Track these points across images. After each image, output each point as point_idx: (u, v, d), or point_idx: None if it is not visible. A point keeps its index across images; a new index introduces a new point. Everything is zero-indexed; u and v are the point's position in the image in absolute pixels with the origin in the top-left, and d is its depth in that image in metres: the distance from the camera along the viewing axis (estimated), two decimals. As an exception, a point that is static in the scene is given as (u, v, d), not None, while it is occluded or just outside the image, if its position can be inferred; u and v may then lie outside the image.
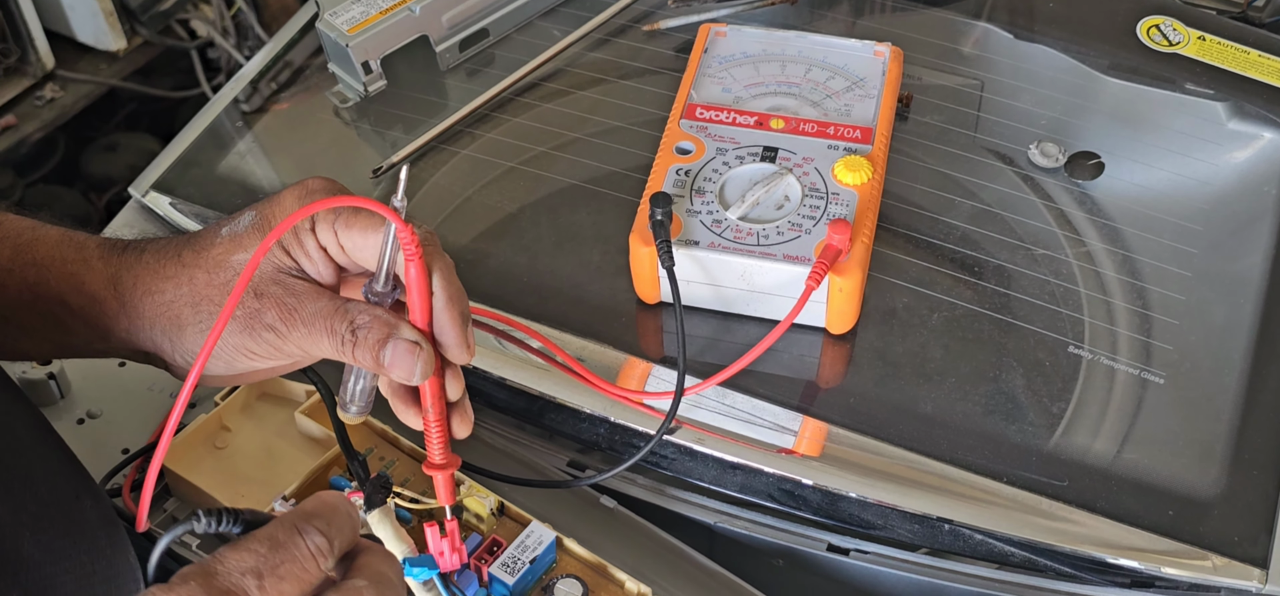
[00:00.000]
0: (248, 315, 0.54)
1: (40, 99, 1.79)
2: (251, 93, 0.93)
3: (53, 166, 1.79)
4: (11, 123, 1.73)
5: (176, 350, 0.57)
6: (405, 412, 0.57)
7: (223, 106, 0.91)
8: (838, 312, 0.68)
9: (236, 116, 0.91)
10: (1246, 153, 0.82)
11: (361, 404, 0.57)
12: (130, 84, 1.85)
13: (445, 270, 0.54)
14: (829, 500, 0.66)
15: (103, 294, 0.58)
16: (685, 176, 0.72)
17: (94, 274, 0.58)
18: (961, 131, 0.83)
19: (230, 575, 0.43)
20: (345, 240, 0.54)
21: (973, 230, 0.76)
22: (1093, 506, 0.63)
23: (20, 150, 1.73)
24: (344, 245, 0.55)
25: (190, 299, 0.56)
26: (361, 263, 0.55)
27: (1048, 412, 0.67)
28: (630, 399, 0.68)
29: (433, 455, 0.56)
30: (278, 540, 0.44)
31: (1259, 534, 0.62)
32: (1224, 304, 0.72)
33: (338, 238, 0.54)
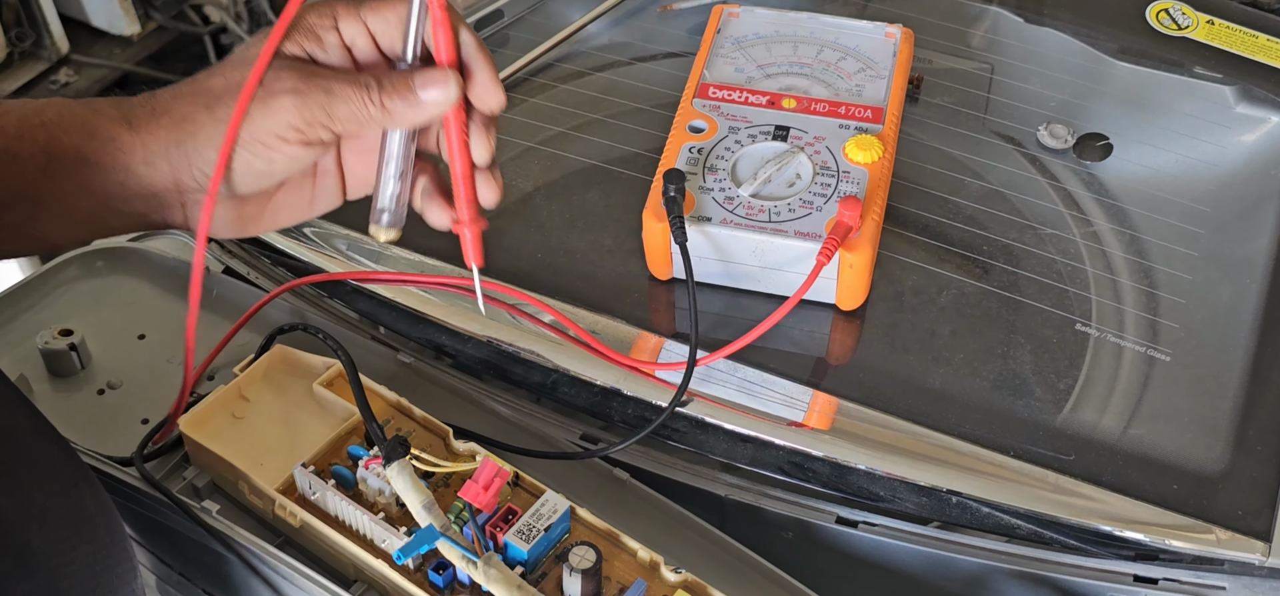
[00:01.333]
0: (265, 92, 0.54)
1: (54, 83, 1.81)
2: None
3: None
4: (26, 106, 1.74)
5: (193, 165, 0.57)
6: (437, 211, 0.59)
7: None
8: (848, 289, 0.69)
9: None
10: (1254, 136, 0.83)
11: (393, 211, 0.57)
12: (144, 69, 1.87)
13: (471, 30, 0.56)
14: (838, 472, 0.67)
15: (115, 132, 0.57)
16: (698, 154, 0.73)
17: (105, 118, 0.57)
18: (971, 113, 0.84)
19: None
20: (374, 25, 0.55)
21: (982, 210, 0.77)
22: (1099, 480, 0.64)
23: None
24: (373, 31, 0.55)
25: (206, 101, 0.56)
26: (391, 47, 0.56)
27: (1055, 389, 0.68)
28: (643, 370, 0.69)
29: (460, 212, 0.58)
30: None
31: (1262, 508, 0.63)
32: (1230, 284, 0.73)
33: (368, 26, 0.55)
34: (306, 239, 0.80)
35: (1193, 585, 0.62)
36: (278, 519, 0.65)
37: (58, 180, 0.57)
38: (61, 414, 0.70)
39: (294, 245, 0.79)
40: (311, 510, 0.64)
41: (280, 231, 0.80)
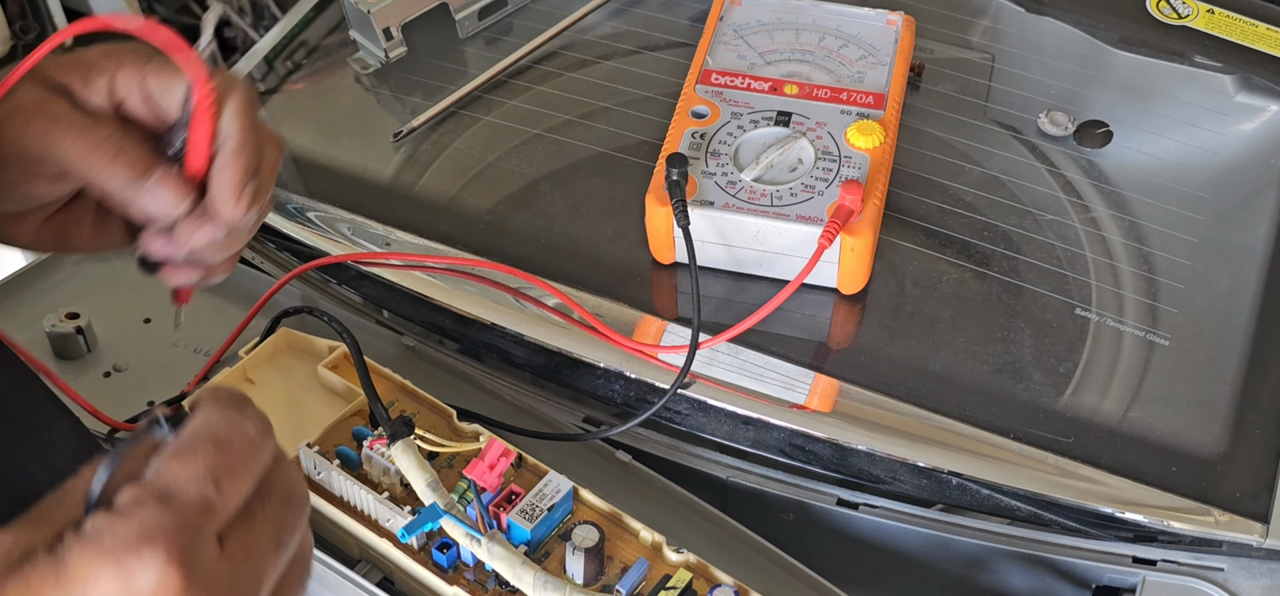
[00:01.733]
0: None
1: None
2: (267, 71, 0.94)
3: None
4: (30, 99, 1.75)
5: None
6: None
7: (252, 67, 0.92)
8: (849, 272, 0.70)
9: (258, 81, 0.93)
10: (1254, 124, 0.84)
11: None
12: (148, 62, 1.88)
13: (241, 110, 0.50)
14: (839, 454, 0.67)
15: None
16: (700, 139, 0.74)
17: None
18: (973, 101, 0.84)
19: (187, 490, 0.37)
20: (154, 85, 0.50)
21: (982, 196, 0.77)
22: (1098, 462, 0.65)
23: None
24: (152, 91, 0.50)
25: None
26: (166, 113, 0.51)
27: (1055, 372, 0.69)
28: (645, 353, 0.69)
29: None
30: (220, 437, 0.39)
31: (1260, 490, 0.64)
32: (1229, 270, 0.74)
33: (145, 84, 0.50)
34: (312, 224, 0.80)
35: (1191, 566, 0.63)
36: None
37: None
38: (68, 397, 0.71)
39: (301, 230, 0.80)
40: (316, 490, 0.64)
41: (285, 216, 0.81)
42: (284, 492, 0.41)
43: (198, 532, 0.37)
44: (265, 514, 0.40)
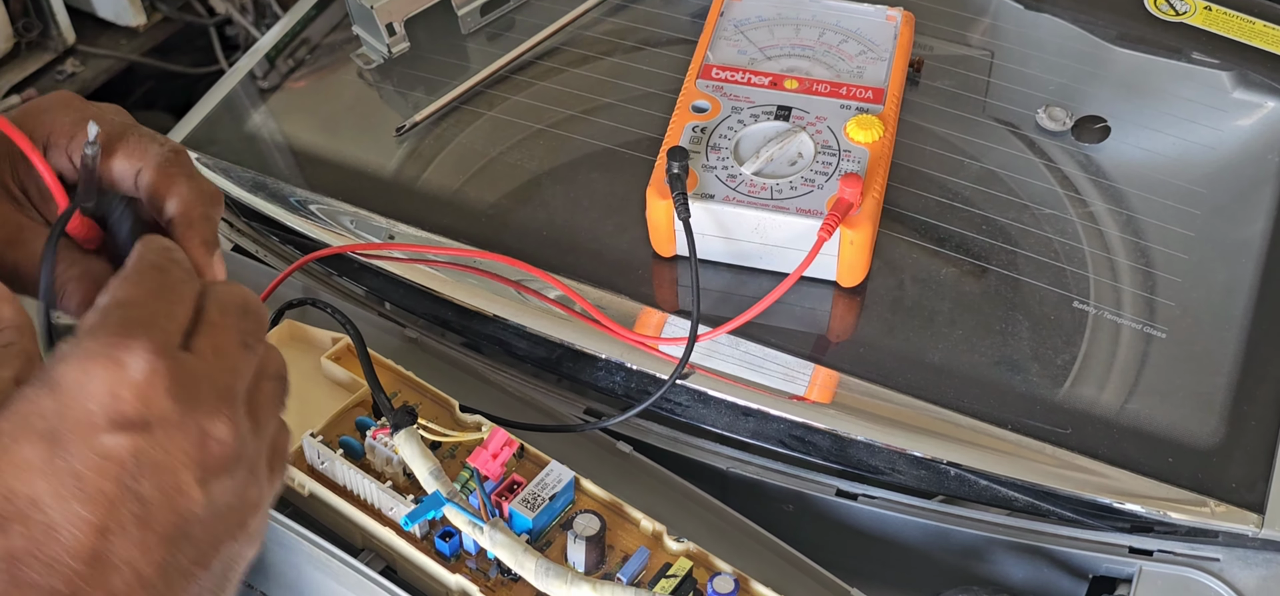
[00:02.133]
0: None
1: (61, 73, 1.82)
2: (268, 68, 0.95)
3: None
4: (32, 96, 1.75)
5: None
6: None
7: (252, 65, 0.93)
8: (848, 265, 0.70)
9: (263, 76, 0.94)
10: (1250, 120, 0.84)
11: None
12: (149, 60, 1.88)
13: (188, 194, 0.49)
14: (839, 445, 0.68)
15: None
16: (701, 133, 0.74)
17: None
18: (971, 96, 0.85)
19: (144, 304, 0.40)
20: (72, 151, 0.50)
21: (981, 190, 0.78)
22: (1095, 453, 0.65)
23: (40, 124, 1.75)
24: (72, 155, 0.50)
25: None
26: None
27: (1052, 364, 0.69)
28: (646, 344, 0.70)
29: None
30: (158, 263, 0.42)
31: (1256, 481, 0.64)
32: (1225, 264, 0.74)
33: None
34: (315, 217, 0.81)
35: (1187, 556, 0.64)
36: (286, 488, 0.66)
37: None
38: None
39: (304, 222, 0.80)
40: (319, 479, 0.65)
41: (288, 209, 0.81)
42: (238, 303, 0.43)
43: (166, 332, 0.40)
44: (224, 321, 0.42)
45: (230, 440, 0.40)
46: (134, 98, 1.90)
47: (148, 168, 0.49)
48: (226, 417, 0.40)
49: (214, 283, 0.44)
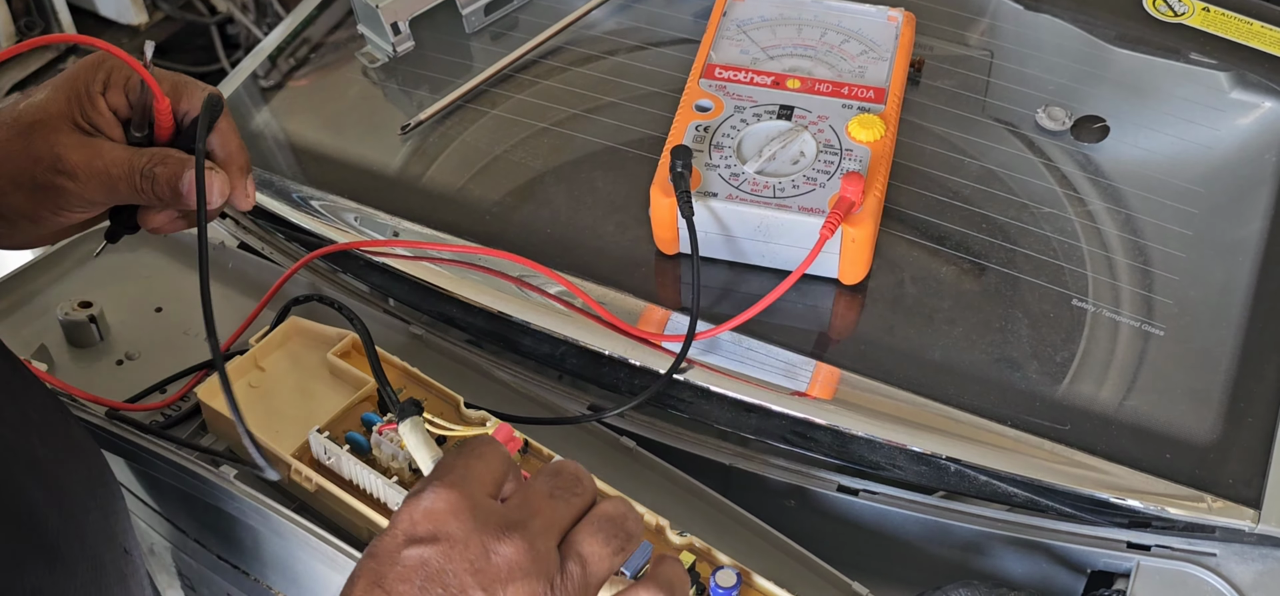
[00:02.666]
0: (44, 169, 0.62)
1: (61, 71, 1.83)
2: (270, 68, 0.95)
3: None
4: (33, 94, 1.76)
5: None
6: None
7: (257, 63, 0.94)
8: (850, 263, 0.71)
9: (268, 75, 0.94)
10: (1248, 120, 0.85)
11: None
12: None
13: (226, 129, 0.66)
14: (840, 441, 0.68)
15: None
16: (704, 132, 0.75)
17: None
18: (972, 96, 0.85)
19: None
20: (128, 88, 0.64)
21: (981, 189, 0.79)
22: (1094, 449, 0.66)
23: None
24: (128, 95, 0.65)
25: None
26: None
27: (1051, 361, 0.70)
28: (648, 339, 0.71)
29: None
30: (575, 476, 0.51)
31: (1253, 476, 0.65)
32: (1223, 262, 0.75)
33: (123, 91, 0.64)
34: (321, 214, 0.81)
35: (1184, 552, 0.64)
36: (293, 483, 0.67)
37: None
38: (82, 384, 0.72)
39: (309, 220, 0.81)
40: (326, 474, 0.65)
41: (294, 206, 0.82)
42: (550, 468, 0.53)
43: (467, 480, 0.50)
44: (533, 479, 0.52)
45: (517, 558, 0.47)
46: (135, 96, 1.91)
47: (194, 109, 0.66)
48: (515, 540, 0.47)
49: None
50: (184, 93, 0.66)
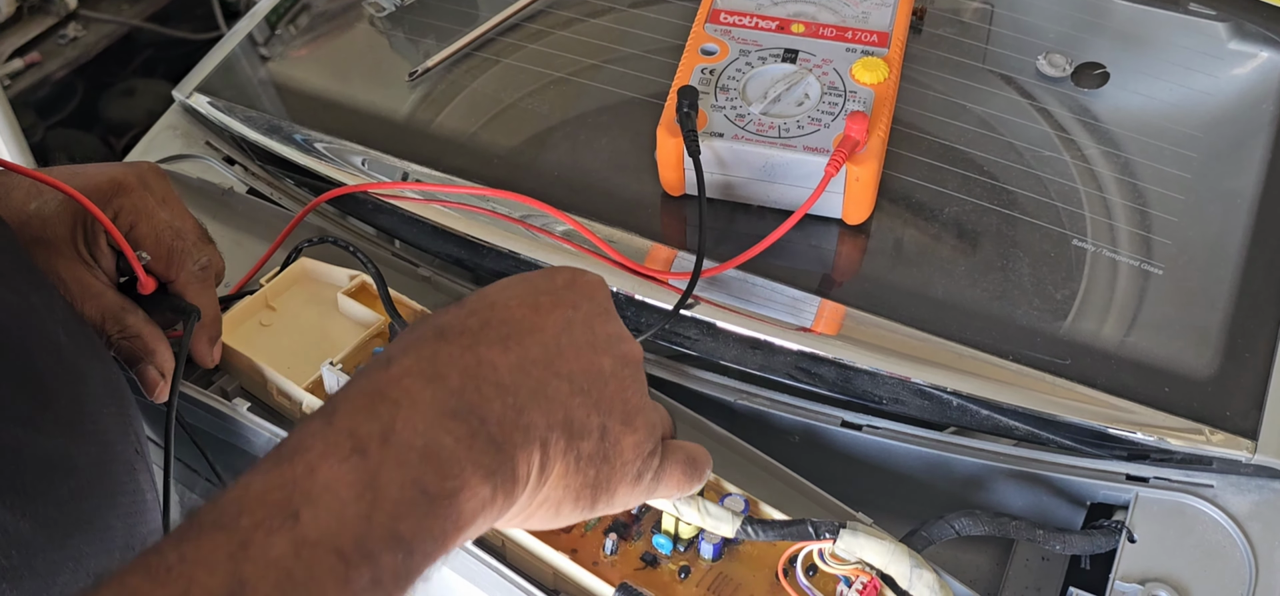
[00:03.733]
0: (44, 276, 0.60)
1: (63, 38, 1.82)
2: (280, 16, 0.96)
3: (72, 110, 1.83)
4: (36, 60, 1.76)
5: None
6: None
7: (264, 13, 0.94)
8: (854, 202, 0.72)
9: (276, 23, 0.95)
10: (1245, 70, 0.86)
11: None
12: (151, 25, 1.89)
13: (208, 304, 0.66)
14: (844, 375, 0.69)
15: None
16: (710, 75, 0.76)
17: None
18: (973, 43, 0.86)
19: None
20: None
21: (983, 133, 0.80)
22: (1094, 383, 0.67)
23: (42, 90, 1.76)
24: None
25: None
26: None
27: (1052, 299, 0.71)
28: (656, 277, 0.71)
29: None
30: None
31: (1249, 409, 0.66)
32: (1220, 205, 0.76)
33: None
34: (329, 158, 0.82)
35: (1182, 483, 0.65)
36: (305, 418, 0.67)
37: None
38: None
39: (319, 164, 0.82)
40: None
41: (303, 151, 0.83)
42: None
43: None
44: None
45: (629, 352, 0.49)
46: (133, 67, 1.91)
47: (183, 280, 0.65)
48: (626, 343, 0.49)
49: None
50: (174, 262, 0.65)
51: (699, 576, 0.59)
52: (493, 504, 0.42)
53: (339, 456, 0.39)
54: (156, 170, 0.66)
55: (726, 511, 0.55)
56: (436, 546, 0.41)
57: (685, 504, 0.55)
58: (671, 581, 0.59)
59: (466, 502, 0.41)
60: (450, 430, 0.41)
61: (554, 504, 0.47)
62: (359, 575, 0.38)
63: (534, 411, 0.44)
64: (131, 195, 0.63)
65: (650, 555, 0.60)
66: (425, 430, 0.41)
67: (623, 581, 0.58)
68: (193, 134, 0.87)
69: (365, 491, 0.39)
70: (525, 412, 0.44)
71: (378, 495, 0.39)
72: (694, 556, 0.60)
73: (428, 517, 0.40)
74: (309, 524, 0.37)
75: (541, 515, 0.47)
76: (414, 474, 0.40)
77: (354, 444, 0.40)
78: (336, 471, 0.39)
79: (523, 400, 0.44)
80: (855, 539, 0.54)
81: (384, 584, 0.38)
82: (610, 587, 0.58)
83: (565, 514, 0.47)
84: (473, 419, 0.42)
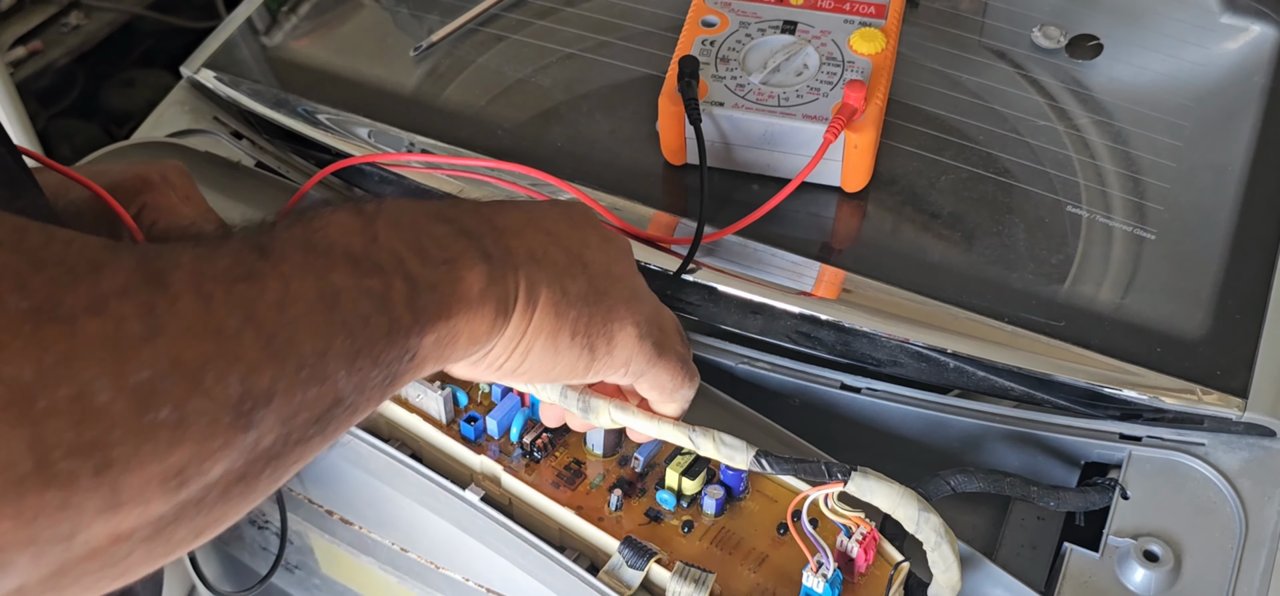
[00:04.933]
0: None
1: (65, 26, 1.83)
2: (271, 23, 0.97)
3: (73, 100, 1.84)
4: (38, 48, 1.77)
5: None
6: None
7: (252, 11, 0.95)
8: (852, 169, 0.73)
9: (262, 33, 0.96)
10: (1237, 43, 0.87)
11: None
12: (153, 13, 1.90)
13: None
14: (842, 338, 0.71)
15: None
16: (710, 46, 0.77)
17: None
18: (969, 16, 0.88)
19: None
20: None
21: (978, 103, 0.81)
22: (1088, 344, 0.68)
23: (43, 79, 1.77)
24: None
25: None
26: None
27: (1047, 264, 0.72)
28: (658, 241, 0.73)
29: None
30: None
31: (1240, 368, 0.67)
32: (1212, 172, 0.77)
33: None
34: (335, 130, 0.83)
35: (1175, 442, 0.67)
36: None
37: None
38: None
39: (324, 136, 0.83)
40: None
41: (308, 123, 0.84)
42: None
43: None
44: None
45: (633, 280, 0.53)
46: (135, 54, 1.92)
47: None
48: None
49: None
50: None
51: (702, 531, 0.61)
52: (489, 297, 0.44)
53: (343, 213, 0.42)
54: (180, 168, 0.67)
55: (740, 441, 0.56)
56: (442, 307, 0.43)
57: (701, 436, 0.56)
58: (675, 536, 0.60)
59: (466, 272, 0.44)
60: (437, 224, 0.44)
61: (550, 334, 0.48)
62: (370, 281, 0.40)
63: (513, 240, 0.47)
64: (156, 193, 0.64)
65: (654, 511, 0.61)
66: (412, 218, 0.43)
67: (627, 535, 0.59)
68: (200, 109, 0.89)
69: (366, 228, 0.41)
70: (504, 237, 0.46)
71: (377, 234, 0.41)
72: (697, 511, 0.62)
73: (430, 271, 0.42)
74: (319, 231, 0.40)
75: (540, 348, 0.48)
76: (407, 236, 0.42)
77: (353, 209, 0.42)
78: (341, 216, 0.42)
79: (501, 227, 0.47)
80: (866, 481, 0.56)
81: (394, 306, 0.40)
82: (615, 541, 0.59)
83: (564, 351, 0.49)
84: (456, 224, 0.45)
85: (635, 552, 0.58)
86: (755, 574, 0.59)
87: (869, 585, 0.58)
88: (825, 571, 0.56)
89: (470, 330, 0.44)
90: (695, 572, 0.57)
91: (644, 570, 0.58)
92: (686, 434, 0.56)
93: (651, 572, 0.58)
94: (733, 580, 0.58)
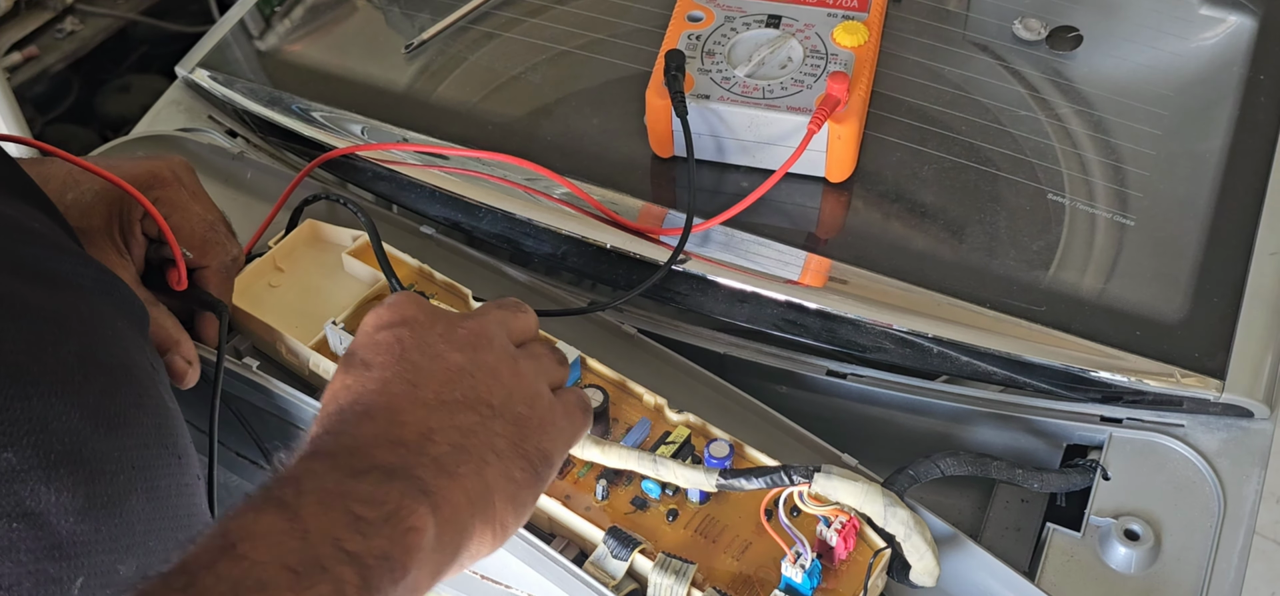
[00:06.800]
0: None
1: (60, 32, 1.84)
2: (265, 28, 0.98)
3: (69, 105, 1.85)
4: (34, 54, 1.78)
5: None
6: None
7: (246, 10, 0.96)
8: (837, 160, 0.75)
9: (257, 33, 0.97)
10: (1215, 34, 0.89)
11: None
12: (147, 19, 1.91)
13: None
14: (829, 325, 0.72)
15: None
16: (696, 41, 0.78)
17: None
18: (951, 9, 0.89)
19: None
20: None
21: (961, 94, 0.82)
22: (1070, 328, 0.70)
23: (39, 85, 1.78)
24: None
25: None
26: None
27: (1029, 250, 0.74)
28: (648, 233, 0.74)
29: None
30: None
31: (1217, 351, 0.69)
32: (1190, 160, 0.79)
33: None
34: (328, 126, 0.84)
35: (1154, 423, 0.68)
36: (313, 375, 0.70)
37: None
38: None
39: (317, 132, 0.84)
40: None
41: (301, 120, 0.85)
42: (557, 354, 0.59)
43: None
44: (545, 352, 0.57)
45: (480, 328, 0.54)
46: (129, 63, 1.93)
47: (213, 271, 0.69)
48: (476, 319, 0.54)
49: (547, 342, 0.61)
50: (208, 253, 0.68)
51: (686, 518, 0.62)
52: (445, 531, 0.47)
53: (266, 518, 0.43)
54: (186, 164, 0.68)
55: (703, 470, 0.59)
56: (396, 570, 0.44)
57: (665, 466, 0.59)
58: (660, 524, 0.61)
59: (412, 522, 0.45)
60: (360, 481, 0.45)
61: (509, 491, 0.51)
62: (320, 590, 0.41)
63: (434, 447, 0.49)
64: (167, 188, 0.66)
65: (640, 499, 0.62)
66: (336, 486, 0.45)
67: (612, 526, 0.60)
68: (195, 108, 0.90)
69: (293, 524, 0.42)
70: (427, 448, 0.48)
71: (306, 528, 0.42)
72: (682, 500, 0.62)
73: (374, 540, 0.44)
74: (244, 562, 0.41)
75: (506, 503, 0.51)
76: (337, 513, 0.43)
77: (275, 507, 0.43)
78: (263, 523, 0.43)
79: (415, 441, 0.49)
80: (830, 481, 0.57)
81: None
82: (601, 531, 0.60)
83: (524, 493, 0.52)
84: (379, 469, 0.46)
85: (620, 543, 0.59)
86: (738, 561, 0.60)
87: (851, 571, 0.59)
88: (803, 561, 0.57)
89: (434, 562, 0.47)
90: (676, 563, 0.58)
91: (628, 560, 0.59)
92: (651, 465, 0.59)
93: (635, 562, 0.59)
94: (716, 567, 0.59)
